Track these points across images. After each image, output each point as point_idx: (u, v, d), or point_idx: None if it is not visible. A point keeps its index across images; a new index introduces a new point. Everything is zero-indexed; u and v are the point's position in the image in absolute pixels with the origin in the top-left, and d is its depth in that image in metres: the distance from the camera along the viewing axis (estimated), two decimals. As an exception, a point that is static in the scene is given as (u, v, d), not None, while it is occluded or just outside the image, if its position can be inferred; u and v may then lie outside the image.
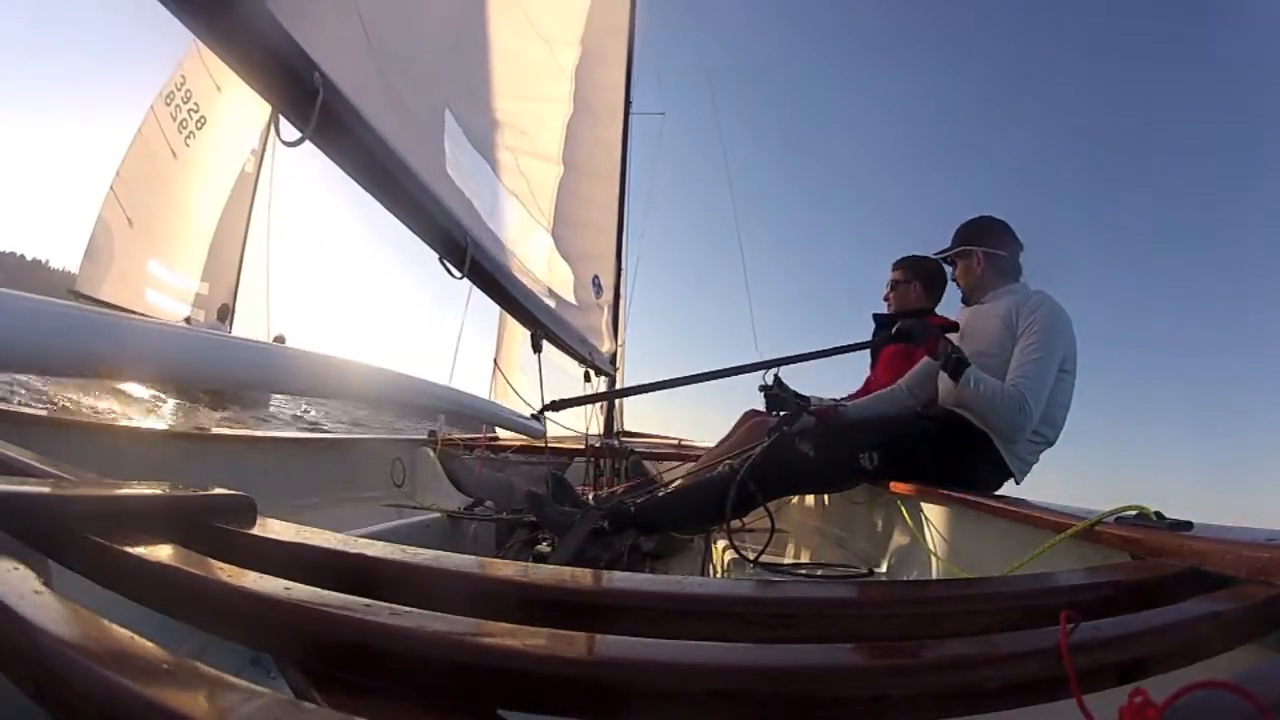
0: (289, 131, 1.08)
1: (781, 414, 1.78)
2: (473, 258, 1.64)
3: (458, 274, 1.64)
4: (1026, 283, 1.81)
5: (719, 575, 1.68)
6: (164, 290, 9.75)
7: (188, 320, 9.81)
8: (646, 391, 2.42)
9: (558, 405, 2.32)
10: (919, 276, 2.27)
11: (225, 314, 10.24)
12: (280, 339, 10.46)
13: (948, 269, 1.94)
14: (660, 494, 1.79)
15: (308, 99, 1.05)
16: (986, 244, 1.82)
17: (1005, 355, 1.65)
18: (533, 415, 2.22)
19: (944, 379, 1.76)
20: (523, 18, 2.11)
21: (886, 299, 2.35)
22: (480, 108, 1.87)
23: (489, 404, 2.09)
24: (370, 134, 1.24)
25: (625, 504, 1.72)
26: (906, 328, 1.81)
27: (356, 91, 1.18)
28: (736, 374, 2.04)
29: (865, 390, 2.23)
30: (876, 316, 2.31)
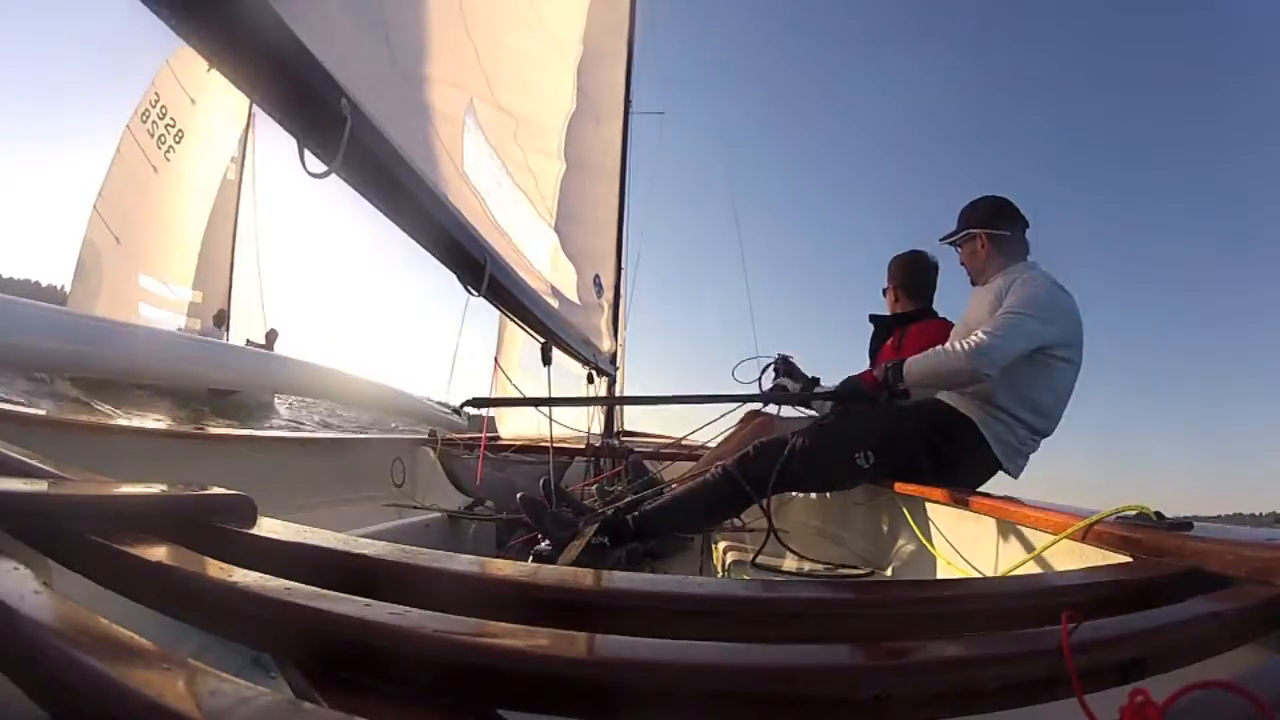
0: (314, 164, 1.00)
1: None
2: (491, 275, 1.59)
3: (476, 293, 1.61)
4: (1035, 262, 1.77)
5: (719, 575, 1.68)
6: (157, 303, 9.83)
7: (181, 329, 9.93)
8: (581, 404, 2.46)
9: (481, 402, 2.36)
10: (892, 280, 2.28)
11: (222, 319, 10.29)
12: (272, 334, 10.44)
13: (956, 252, 1.92)
14: (656, 502, 1.77)
15: (335, 127, 0.98)
16: (989, 225, 1.79)
17: None
18: (454, 410, 2.26)
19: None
20: (534, 13, 2.10)
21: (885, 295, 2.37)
22: (497, 108, 1.86)
23: (410, 397, 2.11)
24: (396, 159, 1.18)
25: (623, 517, 1.72)
26: (846, 395, 1.84)
27: (383, 114, 1.11)
28: (709, 402, 2.01)
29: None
30: (873, 317, 2.31)
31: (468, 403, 2.33)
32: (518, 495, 1.76)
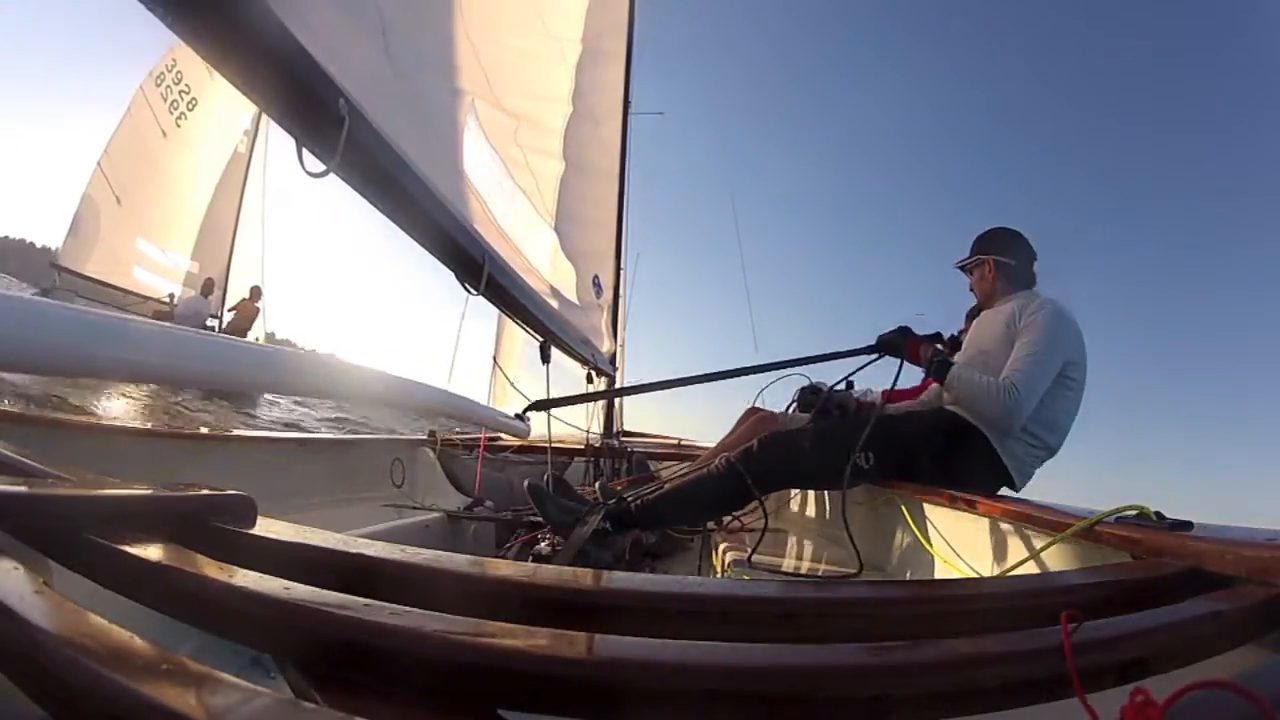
0: (313, 163, 1.01)
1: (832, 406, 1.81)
2: (489, 273, 1.60)
3: (475, 292, 1.61)
4: (1039, 291, 1.84)
5: (719, 575, 1.68)
6: (153, 268, 9.70)
7: (171, 297, 9.76)
8: (637, 393, 2.40)
9: (543, 405, 2.31)
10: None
11: (209, 289, 10.04)
12: (256, 291, 10.15)
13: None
14: (660, 490, 1.79)
15: (333, 128, 0.98)
16: (997, 253, 1.87)
17: (1006, 354, 1.67)
18: (517, 415, 2.23)
19: None
20: (534, 14, 2.10)
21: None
22: (498, 108, 1.85)
23: (473, 403, 2.10)
24: (394, 158, 1.18)
25: (626, 504, 1.72)
26: (887, 339, 1.86)
27: (382, 114, 1.11)
28: (736, 376, 2.05)
29: (895, 394, 2.18)
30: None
31: (531, 407, 2.28)
32: (525, 482, 1.77)
